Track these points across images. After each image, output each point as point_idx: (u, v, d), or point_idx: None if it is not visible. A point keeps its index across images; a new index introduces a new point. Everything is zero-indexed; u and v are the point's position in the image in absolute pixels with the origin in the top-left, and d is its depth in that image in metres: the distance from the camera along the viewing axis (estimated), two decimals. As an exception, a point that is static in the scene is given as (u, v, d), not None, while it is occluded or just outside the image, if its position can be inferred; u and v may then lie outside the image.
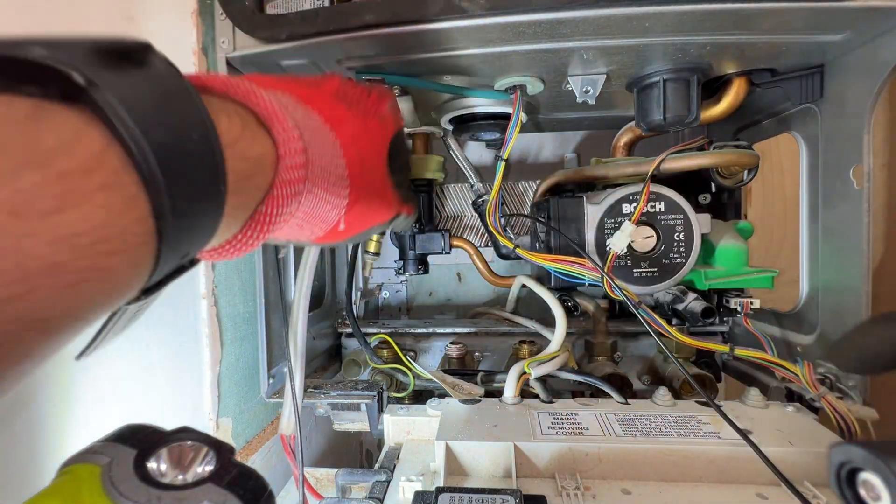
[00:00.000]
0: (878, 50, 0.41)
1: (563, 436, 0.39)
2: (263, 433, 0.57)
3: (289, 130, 0.24)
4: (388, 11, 0.38)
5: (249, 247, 0.24)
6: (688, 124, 0.48)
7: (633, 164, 0.52)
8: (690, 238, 0.49)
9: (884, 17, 0.38)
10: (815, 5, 0.36)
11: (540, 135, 0.80)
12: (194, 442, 0.19)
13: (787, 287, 0.57)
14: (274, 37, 0.41)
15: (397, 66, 0.46)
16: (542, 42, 0.41)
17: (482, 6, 0.36)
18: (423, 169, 0.63)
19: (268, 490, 0.18)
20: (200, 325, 0.47)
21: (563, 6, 0.36)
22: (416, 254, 0.66)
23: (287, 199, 0.24)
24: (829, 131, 0.47)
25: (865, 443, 0.18)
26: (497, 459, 0.38)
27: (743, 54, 0.44)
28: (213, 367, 0.48)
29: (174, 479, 0.17)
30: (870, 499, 0.18)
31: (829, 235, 0.48)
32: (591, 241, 0.49)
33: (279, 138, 0.23)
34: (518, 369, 0.48)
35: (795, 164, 0.52)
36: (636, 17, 0.37)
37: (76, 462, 0.18)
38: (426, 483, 0.39)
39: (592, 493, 0.35)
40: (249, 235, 0.23)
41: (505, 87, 0.50)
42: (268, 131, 0.23)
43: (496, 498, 0.31)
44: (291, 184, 0.24)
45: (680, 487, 0.36)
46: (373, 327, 0.71)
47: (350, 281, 0.64)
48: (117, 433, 0.19)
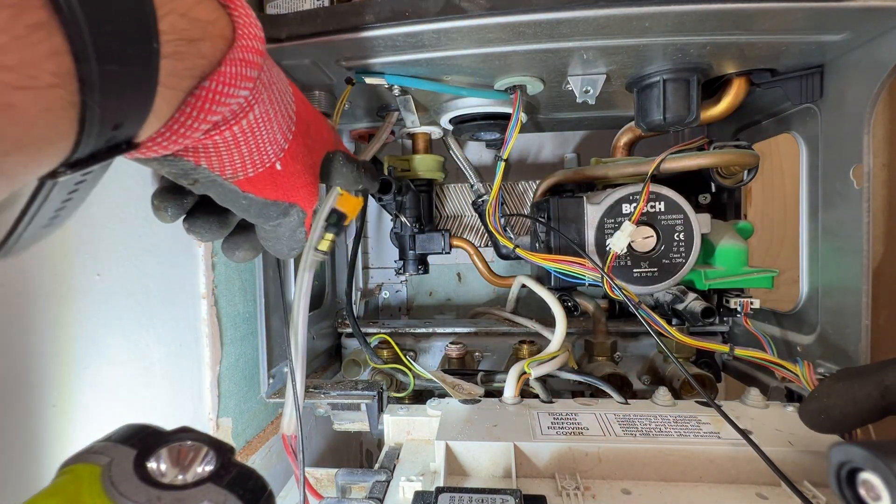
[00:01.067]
0: (878, 50, 0.41)
1: (563, 436, 0.39)
2: (263, 433, 0.57)
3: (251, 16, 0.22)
4: (388, 11, 0.38)
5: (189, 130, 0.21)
6: (688, 124, 0.48)
7: (633, 164, 0.52)
8: (690, 238, 0.49)
9: (884, 17, 0.38)
10: (815, 5, 0.36)
11: (540, 135, 0.80)
12: (194, 442, 0.19)
13: (787, 287, 0.57)
14: (274, 37, 0.41)
15: (397, 66, 0.46)
16: (542, 42, 0.41)
17: (482, 6, 0.36)
18: (423, 169, 0.63)
19: (268, 490, 0.18)
20: (200, 325, 0.47)
21: (563, 6, 0.36)
22: (416, 254, 0.66)
23: (235, 81, 0.21)
24: (829, 131, 0.47)
25: (865, 443, 0.18)
26: (497, 459, 0.38)
27: (743, 54, 0.44)
28: (213, 367, 0.48)
29: (174, 479, 0.17)
30: (870, 499, 0.18)
31: (829, 235, 0.48)
32: (591, 241, 0.50)
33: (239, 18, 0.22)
34: (518, 369, 0.48)
35: (795, 164, 0.52)
36: (636, 17, 0.37)
37: (76, 462, 0.18)
38: (426, 483, 0.39)
39: (592, 493, 0.35)
40: (188, 114, 0.21)
41: (505, 87, 0.50)
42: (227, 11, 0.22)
43: (496, 498, 0.31)
44: (244, 64, 0.22)
45: (680, 487, 0.36)
46: (373, 327, 0.71)
47: (350, 281, 0.64)
48: (117, 433, 0.19)
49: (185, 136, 0.22)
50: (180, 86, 0.20)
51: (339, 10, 0.39)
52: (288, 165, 0.27)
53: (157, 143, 0.21)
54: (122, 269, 0.39)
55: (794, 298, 0.53)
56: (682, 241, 0.49)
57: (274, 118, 0.26)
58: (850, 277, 0.45)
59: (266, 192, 0.27)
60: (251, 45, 0.22)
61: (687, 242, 0.49)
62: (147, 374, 0.42)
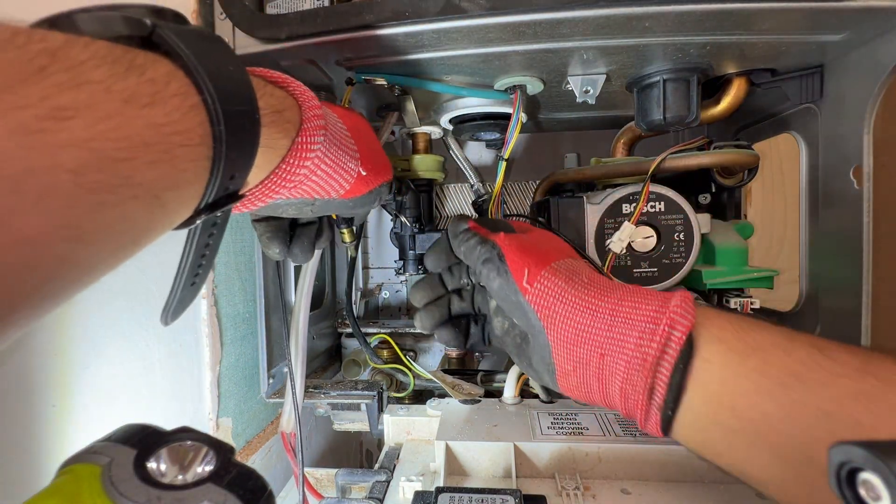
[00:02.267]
0: (877, 50, 0.41)
1: (563, 436, 0.39)
2: (263, 433, 0.57)
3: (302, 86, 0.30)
4: (387, 11, 0.38)
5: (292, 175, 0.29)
6: (688, 124, 0.48)
7: (633, 164, 0.52)
8: (690, 238, 0.49)
9: (884, 17, 0.38)
10: (815, 5, 0.36)
11: (540, 135, 0.80)
12: (194, 442, 0.19)
13: (787, 287, 0.57)
14: (274, 37, 0.41)
15: (397, 66, 0.46)
16: (542, 42, 0.41)
17: (482, 6, 0.36)
18: (423, 169, 0.63)
19: (268, 490, 0.18)
20: (200, 325, 0.47)
21: (563, 6, 0.36)
22: (416, 254, 0.66)
23: (315, 131, 0.29)
24: (829, 131, 0.47)
25: (865, 443, 0.18)
26: (497, 459, 0.38)
27: (743, 54, 0.44)
28: (213, 367, 0.48)
29: (174, 479, 0.17)
30: (870, 499, 0.18)
31: (829, 235, 0.48)
32: (591, 242, 0.50)
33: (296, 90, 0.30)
34: (518, 369, 0.48)
35: (795, 164, 0.52)
36: (636, 17, 0.37)
37: (76, 462, 0.18)
38: (426, 483, 0.39)
39: (592, 493, 0.35)
40: (291, 163, 0.29)
41: (505, 87, 0.50)
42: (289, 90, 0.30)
43: (496, 498, 0.31)
44: (316, 118, 0.30)
45: (680, 487, 0.36)
46: (373, 327, 0.71)
47: (350, 281, 0.64)
48: (117, 433, 0.19)
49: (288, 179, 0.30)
50: (276, 144, 0.28)
51: (339, 10, 0.39)
52: (366, 167, 0.35)
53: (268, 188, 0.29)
54: (122, 270, 0.39)
55: (794, 298, 0.53)
56: (683, 241, 0.49)
57: (342, 143, 0.33)
58: (850, 277, 0.45)
59: (362, 190, 0.36)
60: (314, 105, 0.30)
61: (687, 242, 0.49)
62: (147, 374, 0.42)
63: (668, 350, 0.27)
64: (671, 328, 0.27)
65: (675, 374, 0.27)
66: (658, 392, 0.27)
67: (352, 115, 0.38)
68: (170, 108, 0.19)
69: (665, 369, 0.27)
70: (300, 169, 0.29)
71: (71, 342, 0.35)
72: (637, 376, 0.28)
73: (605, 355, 0.29)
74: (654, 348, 0.27)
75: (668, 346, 0.27)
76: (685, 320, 0.27)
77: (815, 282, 0.50)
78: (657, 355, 0.27)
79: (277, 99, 0.28)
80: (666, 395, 0.27)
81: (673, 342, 0.27)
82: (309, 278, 0.46)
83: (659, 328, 0.27)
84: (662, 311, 0.28)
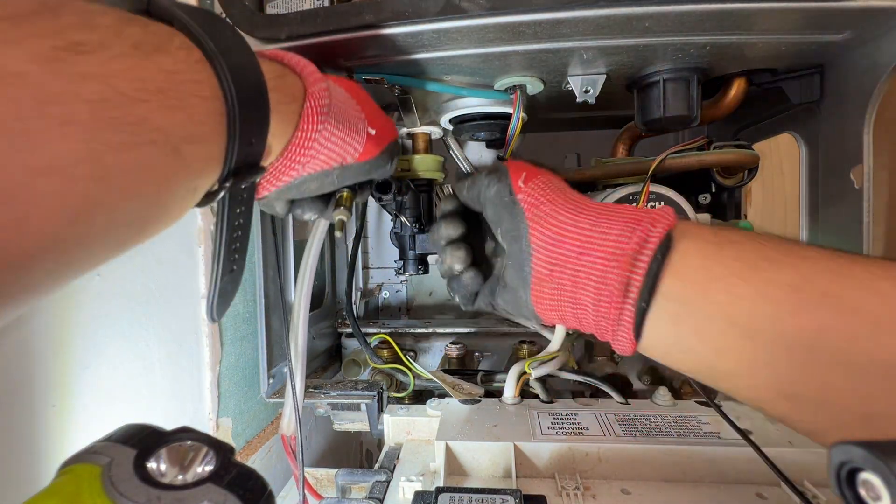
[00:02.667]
0: (878, 50, 0.41)
1: (563, 436, 0.39)
2: (263, 433, 0.57)
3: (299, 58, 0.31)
4: (388, 11, 0.38)
5: (309, 141, 0.30)
6: (688, 124, 0.48)
7: (633, 164, 0.52)
8: (690, 238, 0.49)
9: (884, 17, 0.38)
10: (815, 5, 0.36)
11: (540, 135, 0.80)
12: (194, 442, 0.19)
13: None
14: (274, 37, 0.41)
15: (397, 66, 0.46)
16: (542, 42, 0.41)
17: (482, 6, 0.36)
18: (423, 169, 0.63)
19: (268, 490, 0.18)
20: (200, 325, 0.47)
21: (563, 6, 0.36)
22: (415, 254, 0.66)
23: (322, 94, 0.30)
24: (829, 131, 0.47)
25: (865, 442, 0.18)
26: (497, 459, 0.38)
27: (743, 54, 0.44)
28: (213, 367, 0.48)
29: (174, 479, 0.17)
30: (870, 499, 0.18)
31: (829, 235, 0.48)
32: (591, 241, 0.49)
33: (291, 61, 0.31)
34: (518, 369, 0.48)
35: (795, 164, 0.52)
36: (636, 17, 0.37)
37: (76, 462, 0.18)
38: (426, 483, 0.39)
39: (592, 493, 0.35)
40: (306, 129, 0.29)
41: (505, 87, 0.50)
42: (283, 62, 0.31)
43: (496, 498, 0.31)
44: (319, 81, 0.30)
45: (680, 487, 0.36)
46: (373, 327, 0.71)
47: (350, 281, 0.64)
48: (117, 433, 0.19)
49: (308, 146, 0.30)
50: (286, 109, 0.28)
51: (339, 10, 0.39)
52: (373, 125, 0.36)
53: (293, 159, 0.30)
54: (121, 270, 0.39)
55: (794, 298, 0.53)
56: (682, 241, 0.49)
57: (347, 105, 0.33)
58: (850, 277, 0.45)
59: (374, 152, 0.36)
60: (313, 69, 0.31)
61: (687, 242, 0.49)
62: (147, 374, 0.42)
63: (648, 244, 0.28)
64: (651, 225, 0.28)
65: (653, 264, 0.27)
66: (634, 284, 0.27)
67: (345, 80, 0.38)
68: (177, 59, 0.20)
69: (643, 262, 0.27)
70: (314, 134, 0.30)
71: (71, 342, 0.35)
72: (613, 272, 0.28)
73: (583, 253, 0.29)
74: (635, 242, 0.28)
75: (648, 241, 0.28)
76: (665, 220, 0.28)
77: (815, 282, 0.50)
78: (636, 249, 0.28)
79: (275, 66, 0.28)
80: (642, 285, 0.27)
81: (652, 237, 0.28)
82: (308, 275, 0.46)
83: (640, 226, 0.28)
84: (644, 214, 0.29)
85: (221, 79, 0.22)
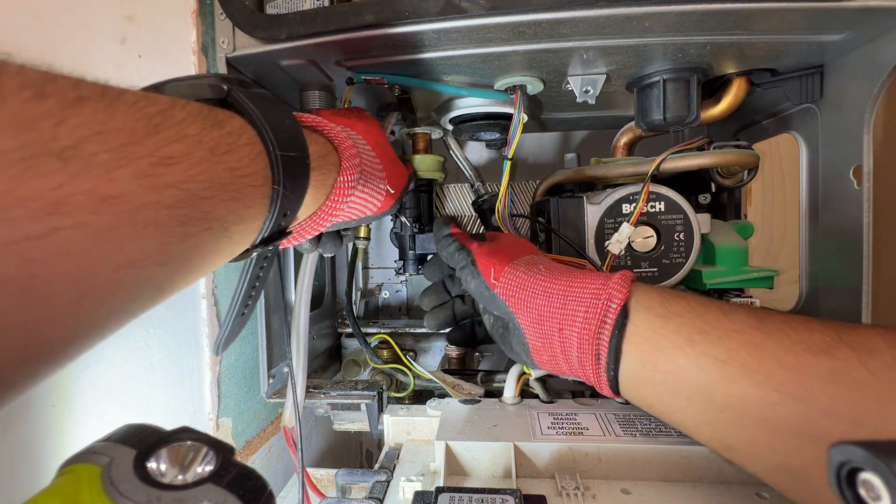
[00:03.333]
0: (878, 50, 0.41)
1: (562, 436, 0.39)
2: (263, 433, 0.57)
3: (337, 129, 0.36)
4: (387, 11, 0.38)
5: (336, 210, 0.34)
6: (688, 124, 0.48)
7: (633, 164, 0.52)
8: (690, 238, 0.49)
9: (884, 17, 0.38)
10: (815, 5, 0.36)
11: (540, 135, 0.80)
12: (194, 442, 0.19)
13: (787, 287, 0.57)
14: (274, 37, 0.41)
15: (397, 66, 0.46)
16: (542, 42, 0.41)
17: (482, 6, 0.36)
18: (423, 169, 0.63)
19: (268, 490, 0.18)
20: (200, 325, 0.47)
21: (563, 6, 0.36)
22: (415, 254, 0.66)
23: (353, 170, 0.35)
24: (829, 131, 0.47)
25: (865, 442, 0.18)
26: (497, 459, 0.38)
27: (743, 54, 0.44)
28: (213, 367, 0.48)
29: (174, 479, 0.17)
30: (870, 499, 0.18)
31: (829, 235, 0.48)
32: (591, 242, 0.50)
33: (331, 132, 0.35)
34: (518, 369, 0.48)
35: (795, 164, 0.52)
36: (636, 17, 0.37)
37: (76, 462, 0.18)
38: (426, 483, 0.39)
39: (592, 493, 0.35)
40: (335, 199, 0.34)
41: (505, 87, 0.50)
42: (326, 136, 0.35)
43: (496, 498, 0.31)
44: (352, 157, 0.35)
45: (680, 487, 0.36)
46: (373, 327, 0.71)
47: (350, 281, 0.64)
48: (117, 433, 0.19)
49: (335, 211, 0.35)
50: (322, 183, 0.32)
51: (339, 10, 0.39)
52: (392, 184, 0.42)
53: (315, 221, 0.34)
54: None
55: (794, 298, 0.53)
56: (683, 241, 0.49)
57: (373, 171, 0.39)
58: (850, 277, 0.45)
59: (389, 203, 0.42)
60: (349, 145, 0.35)
61: (687, 242, 0.49)
62: (147, 374, 0.42)
63: (607, 320, 0.32)
64: (609, 301, 0.33)
65: (613, 339, 0.32)
66: (602, 356, 0.32)
67: (371, 129, 0.42)
68: (241, 154, 0.24)
69: (605, 336, 0.32)
70: (342, 204, 0.34)
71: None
72: (587, 344, 0.33)
73: (562, 329, 0.34)
74: (597, 320, 0.33)
75: (607, 316, 0.32)
76: (620, 294, 0.33)
77: (815, 282, 0.50)
78: (598, 325, 0.32)
79: (321, 145, 0.33)
80: (608, 357, 0.32)
81: (611, 313, 0.32)
82: (309, 273, 0.47)
83: (600, 303, 0.33)
84: (603, 288, 0.33)
85: (275, 170, 0.26)
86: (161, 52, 0.43)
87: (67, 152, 0.16)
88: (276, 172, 0.26)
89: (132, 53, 0.41)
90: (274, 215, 0.27)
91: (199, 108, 0.23)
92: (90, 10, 0.39)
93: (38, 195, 0.15)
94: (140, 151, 0.18)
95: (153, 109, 0.20)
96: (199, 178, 0.21)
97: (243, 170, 0.24)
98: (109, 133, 0.17)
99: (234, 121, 0.25)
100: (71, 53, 0.37)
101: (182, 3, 0.44)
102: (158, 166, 0.19)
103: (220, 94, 0.26)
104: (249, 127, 0.25)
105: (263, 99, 0.27)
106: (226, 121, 0.24)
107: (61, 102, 0.16)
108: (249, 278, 0.34)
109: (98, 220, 0.17)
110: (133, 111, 0.19)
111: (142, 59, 0.42)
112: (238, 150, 0.24)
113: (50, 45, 0.36)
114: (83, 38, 0.38)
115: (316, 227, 0.34)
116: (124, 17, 0.42)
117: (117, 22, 0.41)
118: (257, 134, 0.25)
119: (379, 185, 0.39)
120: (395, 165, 0.44)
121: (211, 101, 0.25)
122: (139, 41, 0.42)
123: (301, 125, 0.30)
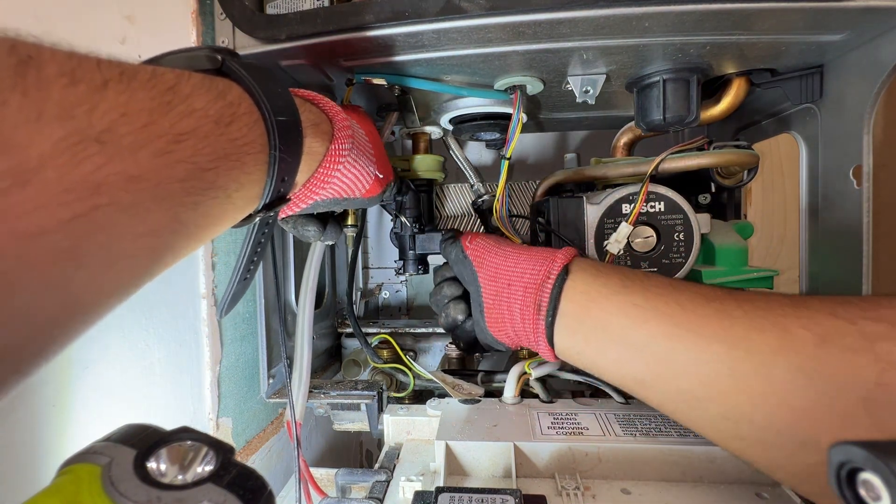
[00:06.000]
0: (878, 50, 0.41)
1: (562, 436, 0.39)
2: (263, 433, 0.57)
3: (331, 103, 0.36)
4: (388, 11, 0.38)
5: (328, 177, 0.35)
6: (688, 124, 0.48)
7: (633, 164, 0.52)
8: (690, 238, 0.49)
9: (884, 17, 0.38)
10: (815, 5, 0.36)
11: (540, 135, 0.80)
12: (194, 442, 0.19)
13: (787, 287, 0.57)
14: (274, 37, 0.41)
15: (397, 66, 0.46)
16: (542, 42, 0.41)
17: (482, 6, 0.36)
18: (423, 169, 0.63)
19: (268, 490, 0.18)
20: (200, 325, 0.47)
21: (563, 6, 0.36)
22: (415, 254, 0.66)
23: (345, 139, 0.35)
24: (829, 131, 0.47)
25: (865, 443, 0.18)
26: (497, 459, 0.38)
27: (743, 54, 0.44)
28: (213, 367, 0.48)
29: (174, 479, 0.17)
30: (870, 499, 0.18)
31: (829, 235, 0.48)
32: (591, 242, 0.50)
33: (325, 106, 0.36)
34: (518, 369, 0.48)
35: (795, 164, 0.52)
36: (636, 17, 0.37)
37: (76, 462, 0.18)
38: (426, 483, 0.39)
39: (592, 493, 0.35)
40: (327, 167, 0.35)
41: (505, 87, 0.50)
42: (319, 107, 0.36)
43: (496, 498, 0.31)
44: (345, 128, 0.35)
45: (680, 487, 0.36)
46: (373, 327, 0.71)
47: (350, 281, 0.64)
48: (117, 433, 0.19)
49: (328, 179, 0.35)
50: (315, 150, 0.34)
51: (339, 10, 0.39)
52: (380, 170, 0.43)
53: (311, 188, 0.35)
54: (122, 269, 0.39)
55: (794, 298, 0.53)
56: (682, 241, 0.49)
57: (364, 149, 0.39)
58: (850, 278, 0.45)
59: (376, 190, 0.43)
60: (342, 117, 0.36)
61: (687, 242, 0.49)
62: (147, 374, 0.42)
63: (551, 275, 0.37)
64: (553, 262, 0.38)
65: (554, 289, 0.37)
66: (543, 305, 0.37)
67: (365, 120, 0.44)
68: (241, 124, 0.25)
69: (547, 287, 0.37)
70: (334, 171, 0.35)
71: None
72: (530, 297, 0.38)
73: (511, 284, 0.39)
74: (542, 274, 0.38)
75: (551, 272, 0.37)
76: (565, 257, 0.38)
77: (815, 282, 0.50)
78: (543, 279, 0.37)
79: (314, 114, 0.34)
80: (548, 306, 0.36)
81: (554, 270, 0.37)
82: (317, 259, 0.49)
83: (546, 262, 0.38)
84: (551, 254, 0.39)
85: (271, 136, 0.27)
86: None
87: (104, 136, 0.18)
88: (273, 139, 0.27)
89: (132, 53, 0.41)
90: (273, 180, 0.28)
91: (202, 80, 0.24)
92: (90, 11, 0.39)
93: (83, 178, 0.17)
94: (157, 130, 0.20)
95: (164, 86, 0.21)
96: (205, 152, 0.22)
97: (243, 139, 0.25)
98: (132, 115, 0.19)
99: (233, 90, 0.26)
100: (71, 53, 0.37)
101: (182, 4, 0.44)
102: (172, 143, 0.21)
103: (216, 64, 0.27)
104: (246, 95, 0.26)
105: (256, 68, 0.28)
106: (226, 90, 0.25)
107: (90, 87, 0.18)
108: (252, 243, 0.37)
109: (127, 196, 0.19)
110: (148, 90, 0.20)
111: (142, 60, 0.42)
112: (239, 119, 0.25)
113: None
114: (83, 38, 0.38)
115: (311, 195, 0.36)
116: (124, 17, 0.42)
117: (117, 22, 0.41)
118: (254, 102, 0.27)
119: (369, 165, 0.40)
120: (384, 157, 0.46)
121: (208, 72, 0.26)
122: (139, 41, 0.42)
123: (298, 97, 0.32)
